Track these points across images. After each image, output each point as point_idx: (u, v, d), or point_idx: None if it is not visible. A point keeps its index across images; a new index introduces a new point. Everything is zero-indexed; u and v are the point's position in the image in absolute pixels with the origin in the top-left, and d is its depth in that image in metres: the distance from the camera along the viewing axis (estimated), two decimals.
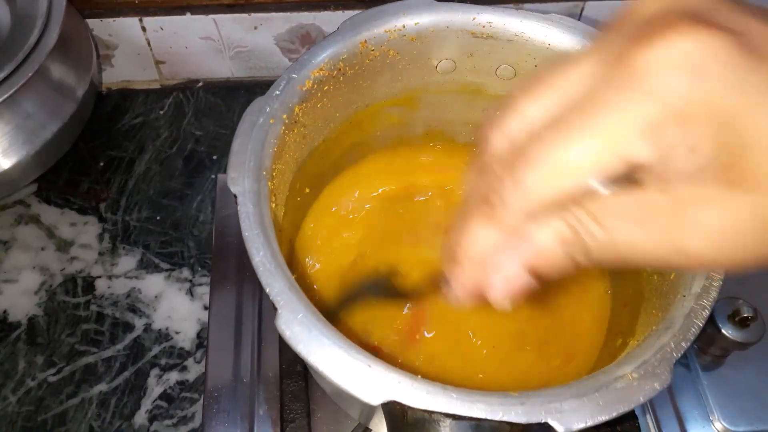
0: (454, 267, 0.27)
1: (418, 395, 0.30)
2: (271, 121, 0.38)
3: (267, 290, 0.32)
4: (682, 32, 0.21)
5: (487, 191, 0.25)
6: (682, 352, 0.33)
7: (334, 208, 0.51)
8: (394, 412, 0.32)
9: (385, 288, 0.44)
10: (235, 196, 0.35)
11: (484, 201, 0.25)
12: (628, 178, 0.22)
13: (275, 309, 0.32)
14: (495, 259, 0.26)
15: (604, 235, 0.23)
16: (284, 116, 0.39)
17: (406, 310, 0.46)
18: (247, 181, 0.36)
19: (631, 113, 0.21)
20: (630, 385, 0.32)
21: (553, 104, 0.24)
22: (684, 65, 0.21)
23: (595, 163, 0.22)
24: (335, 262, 0.49)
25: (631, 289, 0.44)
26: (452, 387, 0.31)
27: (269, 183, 0.37)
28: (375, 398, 0.30)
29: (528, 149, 0.23)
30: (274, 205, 0.37)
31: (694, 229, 0.22)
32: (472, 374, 0.44)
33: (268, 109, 0.39)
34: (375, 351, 0.43)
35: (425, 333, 0.46)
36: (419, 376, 0.31)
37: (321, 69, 0.41)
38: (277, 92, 0.39)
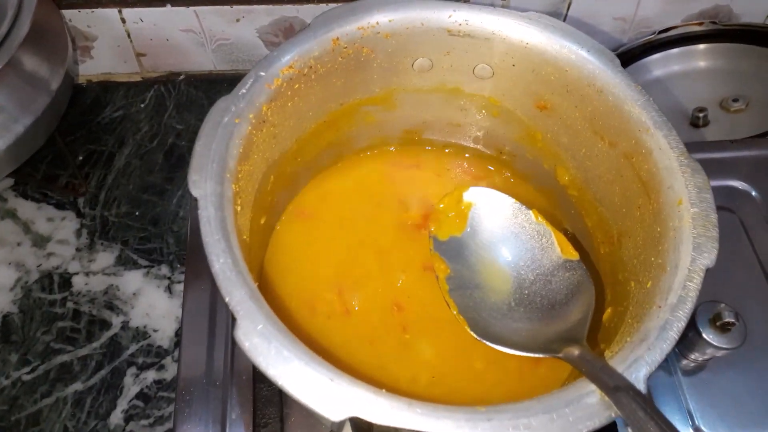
0: None
1: (381, 411, 0.30)
2: (237, 121, 0.37)
3: (226, 299, 0.31)
4: None
5: None
6: (656, 366, 0.32)
7: (309, 211, 0.50)
8: (361, 425, 0.31)
9: None
10: (196, 200, 0.34)
11: None
12: None
13: (234, 319, 0.31)
14: None
15: None
16: (251, 116, 0.38)
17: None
18: (209, 184, 0.34)
19: None
20: (601, 400, 0.31)
21: None
22: None
23: None
24: (307, 268, 0.48)
25: (610, 296, 0.43)
26: (417, 402, 0.30)
27: (234, 185, 0.36)
28: (336, 414, 0.29)
29: None
30: (239, 208, 0.36)
31: None
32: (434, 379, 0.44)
33: (233, 109, 0.37)
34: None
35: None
36: (383, 390, 0.30)
37: (291, 67, 0.40)
38: (243, 91, 0.38)
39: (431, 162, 0.53)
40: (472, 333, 0.42)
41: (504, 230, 0.46)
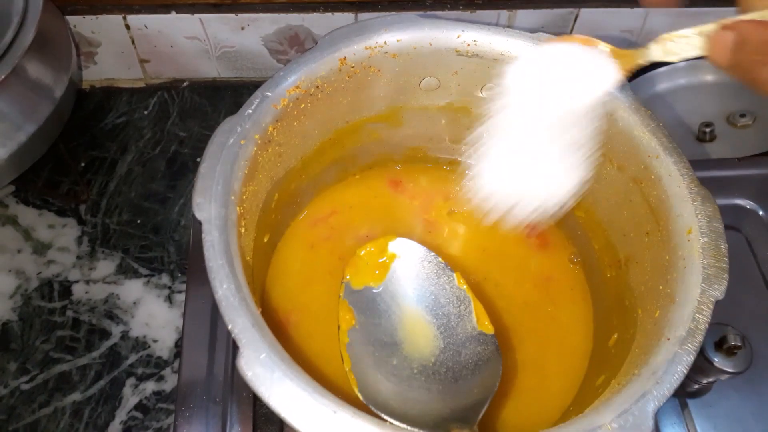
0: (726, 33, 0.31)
1: None
2: (242, 142, 0.37)
3: (229, 327, 0.31)
4: None
5: None
6: (665, 401, 0.31)
7: (314, 228, 0.49)
8: None
9: None
10: (200, 224, 0.33)
11: None
12: None
13: (237, 348, 0.30)
14: None
15: None
16: (256, 136, 0.38)
17: None
18: (213, 207, 0.34)
19: None
20: None
21: None
22: None
23: None
24: (311, 286, 0.48)
25: (616, 320, 0.42)
26: None
27: (238, 207, 0.35)
28: None
29: None
30: (243, 230, 0.36)
31: None
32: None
33: (239, 129, 0.37)
34: None
35: None
36: (388, 422, 0.30)
37: (297, 87, 0.40)
38: (250, 111, 0.38)
39: (432, 180, 0.52)
40: (359, 395, 0.39)
41: (423, 289, 0.43)
